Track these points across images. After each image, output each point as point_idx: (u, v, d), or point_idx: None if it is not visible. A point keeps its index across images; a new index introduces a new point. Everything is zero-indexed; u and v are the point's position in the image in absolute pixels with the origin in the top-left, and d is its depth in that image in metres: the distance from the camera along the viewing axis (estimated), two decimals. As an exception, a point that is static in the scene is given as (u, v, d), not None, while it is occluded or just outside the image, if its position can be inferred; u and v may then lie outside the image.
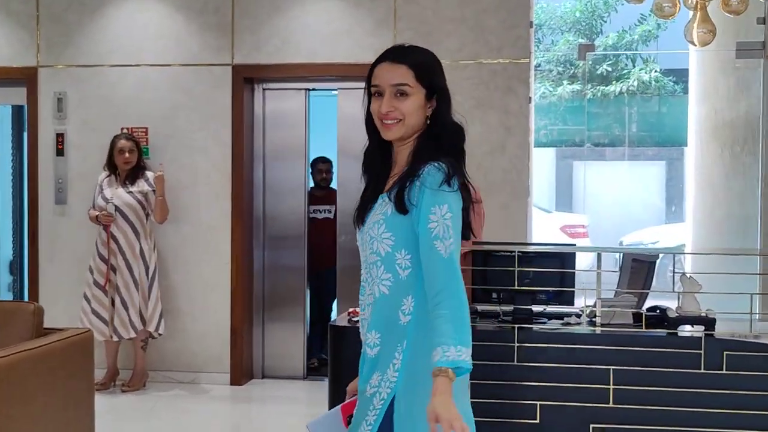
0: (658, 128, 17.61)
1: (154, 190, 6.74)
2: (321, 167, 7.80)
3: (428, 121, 2.51)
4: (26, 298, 7.66)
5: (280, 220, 7.37)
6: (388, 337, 2.47)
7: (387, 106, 2.48)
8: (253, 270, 7.29)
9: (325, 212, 7.68)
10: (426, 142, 2.50)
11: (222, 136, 7.11)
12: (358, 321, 4.18)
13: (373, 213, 2.50)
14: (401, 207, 2.42)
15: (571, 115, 17.79)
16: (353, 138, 7.45)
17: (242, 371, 7.15)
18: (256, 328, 7.36)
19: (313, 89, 7.39)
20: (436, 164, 2.41)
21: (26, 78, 7.28)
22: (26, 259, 7.63)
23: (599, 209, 16.45)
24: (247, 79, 7.13)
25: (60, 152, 7.26)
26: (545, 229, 12.89)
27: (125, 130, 7.05)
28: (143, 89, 7.19)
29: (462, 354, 2.27)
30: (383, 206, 2.48)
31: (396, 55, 2.53)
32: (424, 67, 2.51)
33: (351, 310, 4.57)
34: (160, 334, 6.84)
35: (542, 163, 15.98)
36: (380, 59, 2.54)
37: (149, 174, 6.81)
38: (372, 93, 2.53)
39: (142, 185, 6.76)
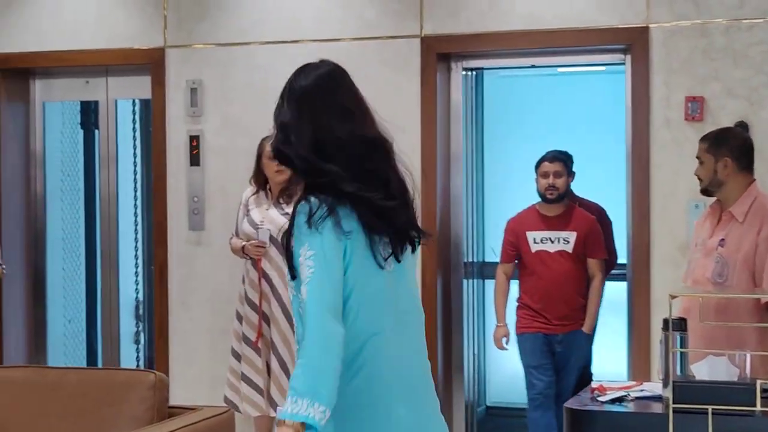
0: None
1: (317, 211, 6.55)
2: (547, 168, 6.81)
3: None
4: (152, 353, 7.70)
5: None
6: None
7: None
8: (450, 308, 7.17)
9: (559, 241, 6.74)
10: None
11: (408, 133, 6.91)
12: (604, 401, 4.12)
13: None
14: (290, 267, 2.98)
15: None
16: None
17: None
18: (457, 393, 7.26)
19: (532, 66, 7.31)
20: (302, 201, 2.94)
21: (150, 63, 7.42)
22: (153, 302, 7.65)
23: None
24: (442, 56, 7.06)
25: (195, 160, 7.33)
26: None
27: (278, 130, 6.97)
28: (304, 74, 7.09)
29: (299, 407, 2.78)
30: None
31: None
32: None
33: (596, 385, 4.57)
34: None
35: None
36: None
37: (310, 189, 6.64)
38: None
39: (301, 204, 6.60)
